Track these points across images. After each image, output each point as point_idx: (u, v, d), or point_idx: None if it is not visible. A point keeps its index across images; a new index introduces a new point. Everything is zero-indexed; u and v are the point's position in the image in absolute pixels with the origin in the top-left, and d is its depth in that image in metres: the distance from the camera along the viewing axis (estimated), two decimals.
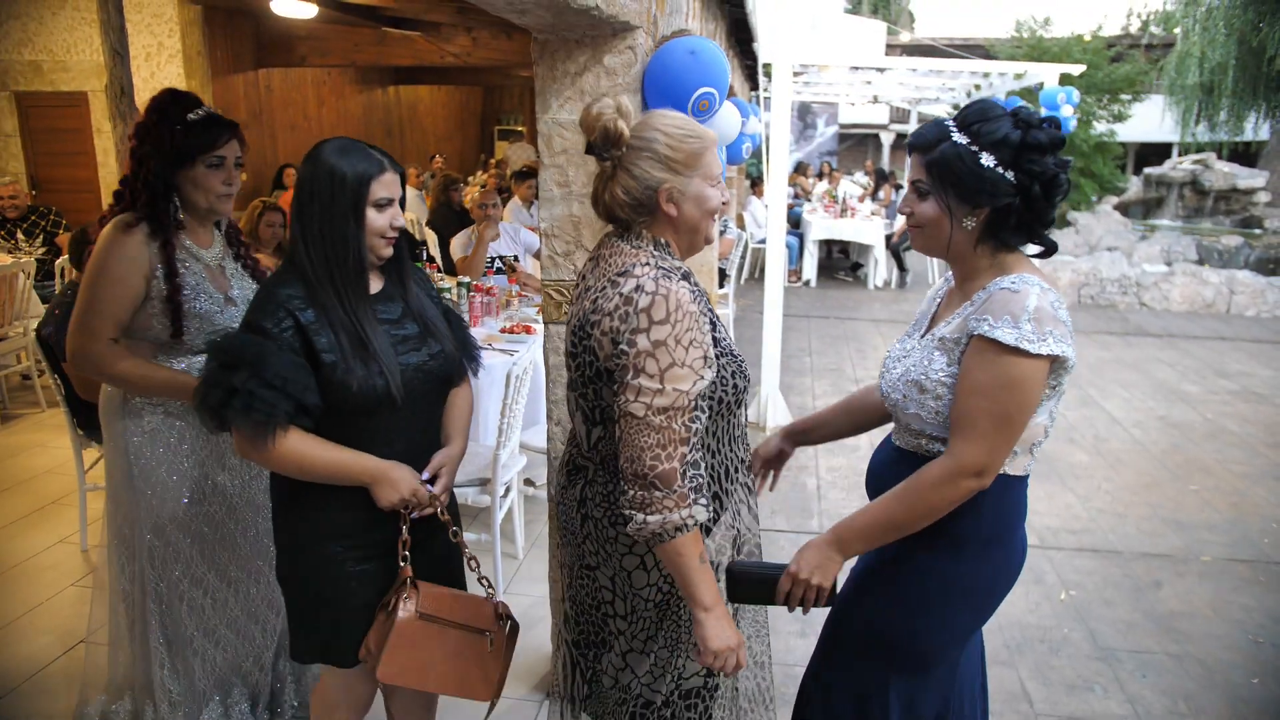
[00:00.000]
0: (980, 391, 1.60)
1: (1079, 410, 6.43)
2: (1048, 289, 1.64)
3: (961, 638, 1.83)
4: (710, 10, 4.59)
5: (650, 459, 1.58)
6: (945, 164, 1.67)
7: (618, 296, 1.64)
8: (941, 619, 1.77)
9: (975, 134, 1.65)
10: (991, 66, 10.24)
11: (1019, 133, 1.64)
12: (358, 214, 1.81)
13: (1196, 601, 3.74)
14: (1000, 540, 1.76)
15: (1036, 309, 1.59)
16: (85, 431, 3.80)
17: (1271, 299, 10.35)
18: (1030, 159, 1.63)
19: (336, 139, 1.86)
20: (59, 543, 3.93)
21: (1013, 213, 1.66)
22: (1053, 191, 1.66)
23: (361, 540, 1.91)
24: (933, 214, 1.72)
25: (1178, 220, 13.53)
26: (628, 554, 1.77)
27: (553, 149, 2.52)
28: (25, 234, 6.81)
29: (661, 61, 2.43)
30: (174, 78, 9.07)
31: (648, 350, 1.59)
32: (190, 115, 2.29)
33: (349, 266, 1.82)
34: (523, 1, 1.99)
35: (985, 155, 1.64)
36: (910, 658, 1.81)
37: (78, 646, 3.16)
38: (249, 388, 1.70)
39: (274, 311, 1.77)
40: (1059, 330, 1.60)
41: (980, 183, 1.65)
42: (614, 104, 1.71)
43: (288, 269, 1.85)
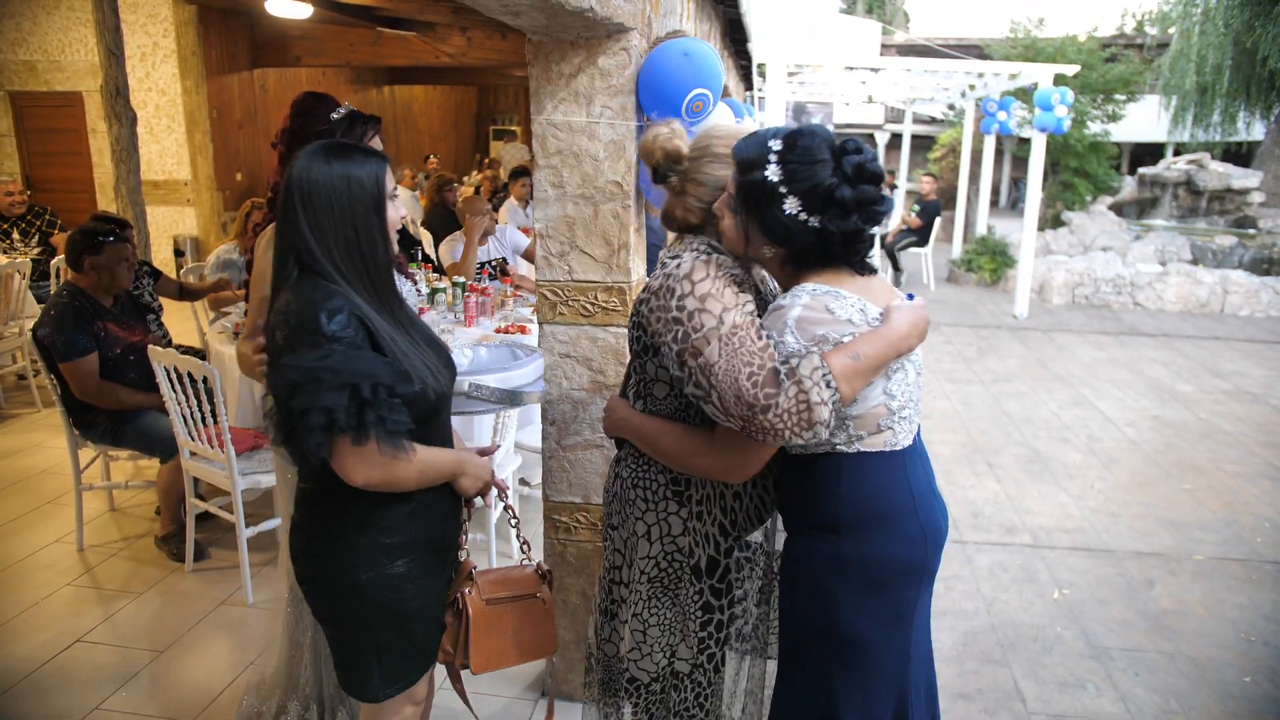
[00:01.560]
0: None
1: (1072, 410, 6.45)
2: (822, 294, 1.66)
3: (884, 622, 1.76)
4: (705, 11, 4.60)
5: (748, 384, 1.55)
6: (752, 196, 1.67)
7: (663, 275, 1.77)
8: (853, 605, 1.74)
9: (790, 174, 1.63)
10: (986, 67, 10.26)
11: (833, 182, 1.62)
12: (381, 212, 1.75)
13: (1189, 600, 3.76)
14: (880, 523, 1.73)
15: (798, 319, 1.63)
16: (80, 432, 3.81)
17: (1265, 299, 10.38)
18: (833, 213, 1.63)
19: (317, 144, 1.75)
20: (55, 542, 3.93)
21: (811, 252, 1.69)
22: (853, 244, 1.68)
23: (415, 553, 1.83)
24: (733, 233, 1.75)
25: (1172, 220, 13.56)
26: (639, 520, 1.89)
27: (547, 150, 2.53)
28: (21, 234, 6.81)
29: (655, 63, 2.44)
30: (169, 78, 9.08)
31: (696, 307, 1.65)
32: (333, 115, 2.30)
33: (382, 268, 1.76)
34: (517, 3, 2.00)
35: (790, 201, 1.63)
36: (842, 650, 1.76)
37: (74, 646, 3.16)
38: (380, 398, 1.59)
39: (346, 321, 1.63)
40: (829, 329, 1.63)
41: (779, 228, 1.66)
42: (667, 128, 1.89)
43: (313, 283, 1.68)
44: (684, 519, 1.86)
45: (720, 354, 1.58)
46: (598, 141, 2.48)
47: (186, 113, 9.18)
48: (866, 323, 1.66)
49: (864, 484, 1.73)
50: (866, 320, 1.66)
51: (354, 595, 1.79)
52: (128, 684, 2.96)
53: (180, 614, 3.39)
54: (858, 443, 1.71)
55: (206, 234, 9.39)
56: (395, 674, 1.86)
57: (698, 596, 1.88)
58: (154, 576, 3.66)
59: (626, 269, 2.54)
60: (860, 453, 1.72)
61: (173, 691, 2.93)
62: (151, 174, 8.76)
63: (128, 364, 3.79)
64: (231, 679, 3.00)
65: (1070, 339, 8.95)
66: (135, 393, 3.77)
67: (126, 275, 3.82)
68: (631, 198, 2.50)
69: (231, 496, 3.44)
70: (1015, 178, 21.17)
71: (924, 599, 1.86)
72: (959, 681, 3.14)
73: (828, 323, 1.63)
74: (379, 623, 1.82)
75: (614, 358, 2.60)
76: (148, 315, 4.03)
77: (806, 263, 1.71)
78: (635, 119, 2.47)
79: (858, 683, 1.77)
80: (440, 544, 1.91)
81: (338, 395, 1.56)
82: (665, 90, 2.41)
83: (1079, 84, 13.92)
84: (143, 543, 3.94)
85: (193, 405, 3.37)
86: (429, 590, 1.88)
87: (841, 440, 1.71)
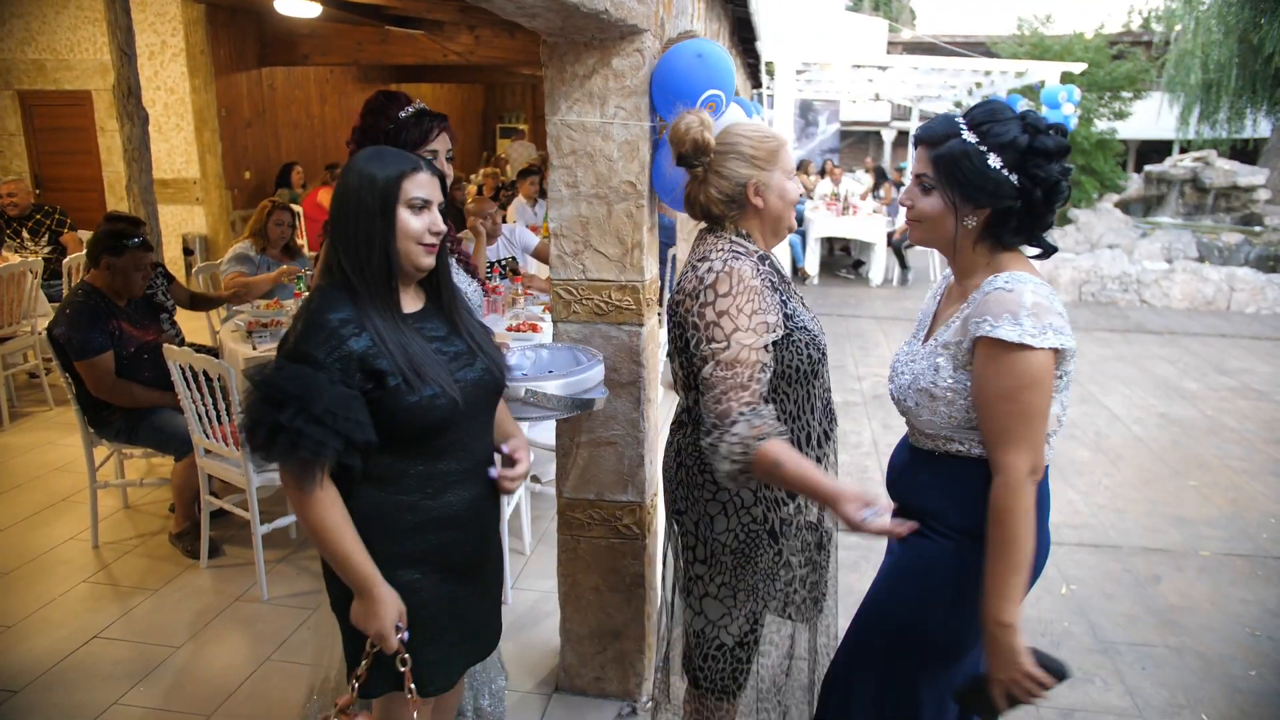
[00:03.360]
0: (1003, 397, 1.62)
1: (1079, 407, 6.47)
2: (1041, 284, 1.66)
3: (978, 635, 1.79)
4: (714, 11, 4.63)
5: (713, 403, 1.80)
6: (953, 161, 1.69)
7: (695, 278, 1.92)
8: (962, 615, 1.75)
9: (984, 134, 1.67)
10: (993, 64, 10.28)
11: (1027, 137, 1.65)
12: (386, 215, 1.71)
13: (1196, 595, 3.78)
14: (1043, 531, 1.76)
15: (1034, 304, 1.62)
16: (95, 430, 3.84)
17: (1271, 296, 10.38)
18: (1036, 164, 1.65)
19: (371, 148, 1.79)
20: (70, 539, 3.97)
21: (1013, 215, 1.69)
22: (1054, 197, 1.69)
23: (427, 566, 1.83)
24: (936, 209, 1.75)
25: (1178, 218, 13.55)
26: (711, 500, 2.01)
27: (561, 150, 2.55)
28: (30, 233, 6.84)
29: (669, 64, 2.46)
30: (177, 76, 9.11)
31: (713, 320, 1.84)
32: (400, 113, 2.30)
33: (377, 273, 1.72)
34: (532, 5, 2.03)
35: (992, 156, 1.66)
36: (940, 654, 1.81)
37: (92, 641, 3.20)
38: (296, 425, 1.59)
39: (326, 339, 1.65)
40: (1057, 322, 1.63)
41: (985, 183, 1.67)
42: (698, 119, 1.99)
43: (328, 286, 1.73)
44: (753, 490, 2.00)
45: (713, 373, 1.81)
46: (612, 142, 2.51)
47: (195, 111, 9.21)
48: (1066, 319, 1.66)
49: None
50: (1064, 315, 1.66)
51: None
52: (145, 679, 3.00)
53: (196, 610, 3.43)
54: None
55: (215, 232, 9.43)
56: (391, 677, 1.83)
57: (776, 558, 2.05)
58: (169, 573, 3.70)
59: (640, 268, 2.57)
60: None
61: (190, 686, 2.97)
62: (160, 173, 8.79)
63: (142, 362, 3.83)
64: (248, 674, 3.03)
65: (1077, 336, 8.93)
66: (150, 391, 3.80)
67: (140, 283, 3.85)
68: (645, 197, 2.53)
69: (246, 494, 3.47)
70: None
71: None
72: None
73: (1053, 313, 1.63)
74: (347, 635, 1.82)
75: (627, 356, 2.62)
76: (161, 314, 4.06)
77: (1006, 232, 1.71)
78: (649, 119, 2.50)
79: (939, 690, 1.81)
80: (455, 562, 1.87)
81: (264, 410, 1.60)
82: (679, 91, 2.43)
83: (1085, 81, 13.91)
84: (157, 540, 3.98)
85: (207, 403, 3.41)
86: (442, 603, 1.85)
87: None
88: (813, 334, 2.00)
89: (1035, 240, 1.76)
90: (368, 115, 2.34)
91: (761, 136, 2.00)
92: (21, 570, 3.71)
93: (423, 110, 2.33)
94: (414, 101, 2.35)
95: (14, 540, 3.97)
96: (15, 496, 4.42)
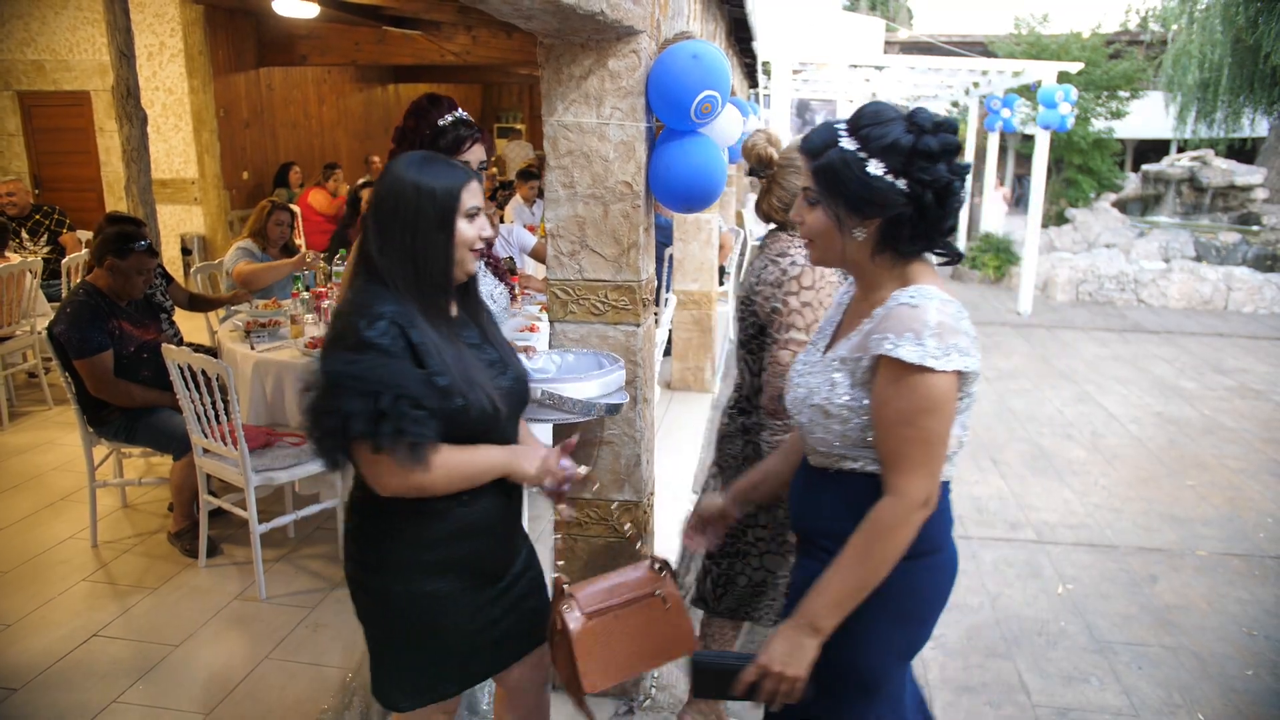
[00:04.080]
0: (902, 420, 1.54)
1: (1076, 407, 6.48)
2: (948, 301, 1.58)
3: (905, 655, 1.76)
4: (710, 11, 4.63)
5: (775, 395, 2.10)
6: (832, 171, 1.59)
7: (777, 270, 2.21)
8: (881, 639, 1.69)
9: (864, 139, 1.57)
10: (989, 64, 10.28)
11: (911, 138, 1.55)
12: (446, 226, 1.71)
13: (1192, 595, 3.79)
14: (927, 553, 1.67)
15: (939, 323, 1.53)
16: (95, 429, 3.85)
17: (1269, 295, 10.40)
18: (921, 166, 1.55)
19: (412, 153, 1.77)
20: (69, 539, 3.97)
21: (906, 222, 1.58)
22: (947, 200, 1.58)
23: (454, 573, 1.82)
24: (821, 224, 1.65)
25: (1176, 217, 13.56)
26: None
27: (558, 151, 2.56)
28: (30, 233, 6.85)
29: (665, 65, 2.47)
30: (176, 77, 9.12)
31: (797, 309, 2.12)
32: (440, 120, 2.30)
33: (438, 281, 1.73)
34: (529, 7, 2.03)
35: (873, 163, 1.55)
36: (857, 681, 1.72)
37: (91, 640, 3.21)
38: (399, 409, 1.57)
39: (386, 330, 1.63)
40: (963, 343, 1.54)
41: (867, 192, 1.57)
42: (765, 136, 2.33)
43: (372, 285, 1.71)
44: None
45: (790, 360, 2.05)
46: (608, 142, 2.52)
47: (193, 112, 9.22)
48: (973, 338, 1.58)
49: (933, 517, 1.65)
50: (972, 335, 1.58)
51: (384, 605, 1.80)
52: (144, 677, 3.01)
53: (195, 609, 3.44)
54: None
55: (213, 232, 9.44)
56: (416, 687, 1.84)
57: None
58: (168, 572, 3.71)
59: (636, 268, 2.58)
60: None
61: (189, 685, 2.98)
62: (159, 173, 8.79)
63: (141, 362, 3.83)
64: (246, 672, 3.04)
65: (1074, 336, 8.98)
66: (149, 390, 3.81)
67: (141, 286, 3.87)
68: (641, 198, 2.54)
69: (244, 493, 3.48)
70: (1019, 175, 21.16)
71: None
72: (964, 675, 3.17)
73: (958, 334, 1.54)
74: (404, 636, 1.82)
75: (624, 355, 2.63)
76: (160, 314, 4.07)
77: (901, 241, 1.60)
78: (645, 120, 2.51)
79: (874, 713, 1.75)
80: (485, 568, 1.87)
81: (356, 402, 1.57)
82: (675, 92, 2.44)
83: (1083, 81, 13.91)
84: (156, 539, 3.99)
85: (206, 403, 3.42)
86: (466, 610, 1.84)
87: None
88: None
89: (937, 246, 1.65)
90: (410, 118, 2.34)
91: None
92: (20, 569, 3.72)
93: (460, 120, 2.31)
94: (456, 109, 2.32)
95: (13, 539, 3.97)
96: (14, 495, 4.43)
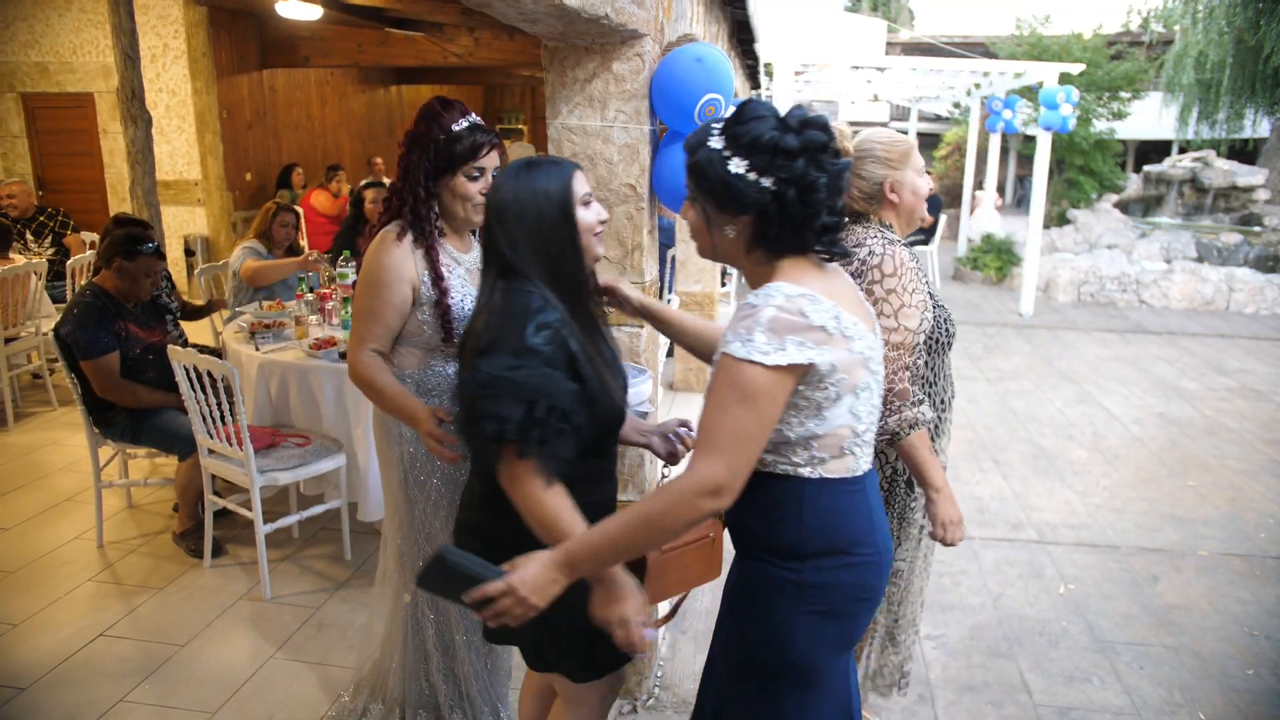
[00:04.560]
0: (718, 405, 1.54)
1: (1078, 407, 6.50)
2: (796, 297, 1.54)
3: (838, 648, 1.75)
4: (713, 14, 4.65)
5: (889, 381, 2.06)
6: (699, 170, 1.61)
7: (857, 260, 2.18)
8: (809, 632, 1.68)
9: (731, 138, 1.58)
10: (991, 65, 10.29)
11: (775, 135, 1.55)
12: (569, 219, 1.77)
13: (1193, 595, 3.80)
14: (844, 551, 1.67)
15: (771, 319, 1.52)
16: (100, 430, 3.87)
17: (1270, 296, 10.40)
18: (780, 164, 1.54)
19: (514, 164, 1.83)
20: (75, 539, 3.99)
21: (773, 220, 1.58)
22: (810, 196, 1.56)
23: None
24: (694, 221, 1.69)
25: (1177, 218, 13.56)
26: None
27: (562, 153, 2.58)
28: (34, 235, 6.88)
29: (668, 69, 2.49)
30: (179, 78, 9.14)
31: (883, 296, 2.13)
32: (454, 125, 2.28)
33: (574, 270, 1.80)
34: (533, 11, 2.05)
35: (735, 161, 1.56)
36: (792, 674, 1.72)
37: (97, 640, 3.23)
38: (550, 421, 1.62)
39: (550, 338, 1.68)
40: (799, 338, 1.52)
41: (728, 190, 1.57)
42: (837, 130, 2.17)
43: (518, 287, 1.75)
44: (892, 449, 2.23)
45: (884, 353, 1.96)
46: (612, 145, 2.53)
47: (197, 113, 9.24)
48: (840, 331, 1.56)
49: (829, 512, 1.66)
50: (840, 329, 1.56)
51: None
52: (150, 677, 3.03)
53: (200, 609, 3.45)
54: (820, 467, 1.64)
55: (217, 234, 9.46)
56: (591, 660, 1.93)
57: (913, 504, 2.44)
58: (173, 572, 3.72)
59: (640, 270, 2.60)
60: (823, 479, 1.65)
61: (194, 684, 2.99)
62: (162, 174, 8.80)
63: (147, 363, 3.85)
64: (252, 672, 3.06)
65: (1076, 337, 8.99)
66: (154, 391, 3.83)
67: (148, 289, 3.89)
68: (645, 200, 2.55)
69: (249, 493, 3.50)
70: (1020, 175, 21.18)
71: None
72: (966, 674, 3.19)
73: (801, 329, 1.53)
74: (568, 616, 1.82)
75: (628, 357, 2.65)
76: (166, 316, 4.09)
77: (769, 239, 1.61)
78: (649, 123, 2.53)
79: (809, 707, 1.74)
80: None
81: (514, 407, 1.60)
82: (678, 95, 2.46)
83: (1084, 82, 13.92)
84: (161, 539, 4.01)
85: (211, 404, 3.43)
86: None
87: (803, 461, 1.64)
88: (947, 312, 2.39)
89: (816, 245, 1.63)
90: (421, 122, 2.31)
91: (892, 141, 2.30)
92: (27, 569, 3.74)
93: (476, 125, 2.31)
94: (469, 113, 2.32)
95: (19, 539, 3.99)
96: (20, 496, 4.45)
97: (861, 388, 1.63)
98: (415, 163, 2.30)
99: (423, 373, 2.39)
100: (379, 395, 2.30)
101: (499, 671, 2.64)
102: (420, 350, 2.38)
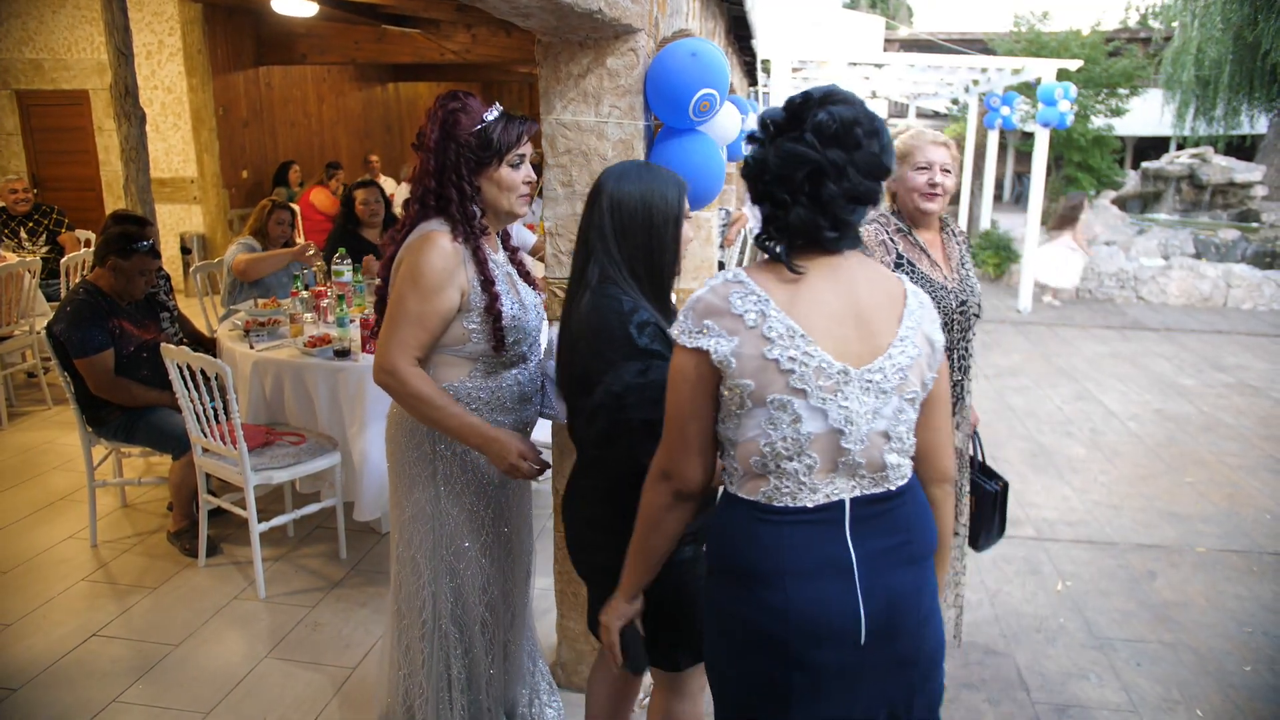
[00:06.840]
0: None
1: (1076, 404, 6.49)
2: (732, 282, 1.48)
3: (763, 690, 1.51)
4: (709, 9, 4.63)
5: None
6: None
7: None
8: (732, 660, 1.56)
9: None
10: (989, 62, 10.28)
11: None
12: (679, 225, 1.95)
13: (1191, 591, 3.79)
14: (755, 578, 1.49)
15: (698, 300, 1.50)
16: (94, 429, 3.85)
17: (1268, 292, 10.40)
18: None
19: (628, 162, 2.00)
20: (68, 538, 3.97)
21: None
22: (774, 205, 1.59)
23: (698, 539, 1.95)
24: None
25: (1175, 214, 13.56)
26: None
27: (556, 149, 2.56)
28: (29, 233, 6.86)
29: (663, 64, 2.47)
30: (175, 75, 9.11)
31: None
32: (487, 115, 2.15)
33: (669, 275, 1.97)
34: (527, 5, 2.04)
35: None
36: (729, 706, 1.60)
37: (91, 640, 3.21)
38: None
39: (655, 334, 1.84)
40: (717, 321, 1.46)
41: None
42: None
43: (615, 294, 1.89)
44: None
45: None
46: (606, 141, 2.52)
47: (192, 110, 9.21)
48: (761, 332, 1.44)
49: (726, 529, 1.55)
50: (762, 328, 1.44)
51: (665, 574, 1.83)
52: (144, 676, 3.01)
53: (194, 608, 3.44)
54: (736, 479, 1.54)
55: (213, 231, 9.43)
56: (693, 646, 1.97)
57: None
58: (167, 571, 3.71)
59: None
60: (735, 495, 1.54)
61: (188, 684, 2.98)
62: (158, 172, 8.78)
63: (141, 361, 3.84)
64: (246, 671, 3.04)
65: (1074, 333, 8.98)
66: (149, 390, 3.81)
67: (142, 288, 3.87)
68: None
69: (244, 492, 3.48)
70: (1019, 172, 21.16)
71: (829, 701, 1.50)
72: (964, 672, 3.18)
73: (717, 314, 1.46)
74: (674, 603, 1.94)
75: None
76: (161, 313, 4.07)
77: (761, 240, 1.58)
78: (643, 118, 2.51)
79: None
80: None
81: (655, 410, 1.67)
82: (673, 90, 2.44)
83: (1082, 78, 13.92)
84: (155, 538, 3.99)
85: (205, 402, 3.42)
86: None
87: (728, 468, 1.56)
88: (950, 290, 2.59)
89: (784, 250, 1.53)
90: (446, 115, 2.15)
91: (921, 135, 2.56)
92: (20, 569, 3.72)
93: (508, 114, 2.20)
94: (488, 112, 2.18)
95: (12, 539, 3.98)
96: (13, 495, 4.43)
97: (777, 406, 1.45)
98: (453, 159, 2.14)
99: (461, 384, 2.21)
100: (436, 413, 2.12)
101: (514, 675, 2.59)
102: (463, 360, 2.20)
